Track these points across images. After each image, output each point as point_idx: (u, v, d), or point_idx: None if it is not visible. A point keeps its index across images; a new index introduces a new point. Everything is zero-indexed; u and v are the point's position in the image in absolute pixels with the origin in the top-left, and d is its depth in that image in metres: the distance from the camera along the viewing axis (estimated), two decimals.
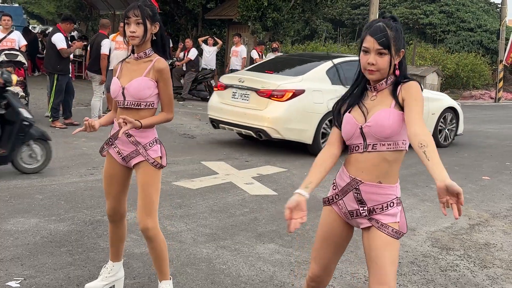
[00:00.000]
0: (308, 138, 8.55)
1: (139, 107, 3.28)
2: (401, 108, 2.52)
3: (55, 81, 10.03)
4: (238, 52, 15.92)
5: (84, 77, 11.84)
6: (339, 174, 2.73)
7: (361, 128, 2.56)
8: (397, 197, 2.61)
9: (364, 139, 2.56)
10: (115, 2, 22.40)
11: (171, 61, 16.34)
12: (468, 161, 9.09)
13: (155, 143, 3.36)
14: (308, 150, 8.62)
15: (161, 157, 3.39)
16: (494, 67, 26.26)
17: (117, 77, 3.34)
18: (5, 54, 10.01)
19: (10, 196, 5.62)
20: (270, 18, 16.93)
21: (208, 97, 16.07)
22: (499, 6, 26.22)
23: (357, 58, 2.75)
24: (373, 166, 2.56)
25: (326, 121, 8.54)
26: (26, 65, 10.32)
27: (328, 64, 8.98)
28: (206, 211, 5.55)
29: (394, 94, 2.56)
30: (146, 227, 3.28)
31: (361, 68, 2.60)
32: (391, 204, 2.58)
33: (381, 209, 2.58)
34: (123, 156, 3.36)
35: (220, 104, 9.15)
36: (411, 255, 4.66)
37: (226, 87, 9.13)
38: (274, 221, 5.38)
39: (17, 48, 10.41)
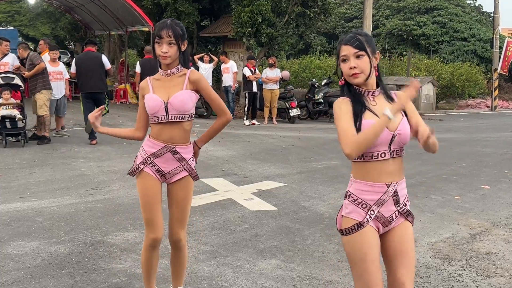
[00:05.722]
0: None
1: (184, 120, 3.34)
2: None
3: (107, 99, 10.73)
4: (229, 68, 16.00)
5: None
6: (365, 190, 2.67)
7: (393, 136, 2.64)
8: None
9: (389, 146, 2.66)
10: (110, 23, 22.49)
11: None
12: (467, 171, 9.10)
13: (193, 156, 3.49)
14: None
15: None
16: (488, 75, 26.39)
17: (150, 92, 3.36)
18: (1, 77, 10.05)
19: (10, 220, 5.61)
20: (265, 34, 17.03)
21: (205, 113, 16.14)
22: (492, 15, 26.43)
23: None
24: (399, 168, 2.72)
25: None
26: (23, 87, 10.36)
27: None
28: (207, 229, 5.54)
29: (391, 100, 2.72)
30: (179, 239, 3.45)
31: (345, 77, 2.69)
32: (407, 194, 2.82)
33: (407, 200, 2.79)
34: (163, 173, 3.40)
35: None
36: None
37: None
38: (275, 236, 5.37)
39: (11, 70, 10.46)
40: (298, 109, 16.26)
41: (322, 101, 16.61)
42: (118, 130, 3.56)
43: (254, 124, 15.26)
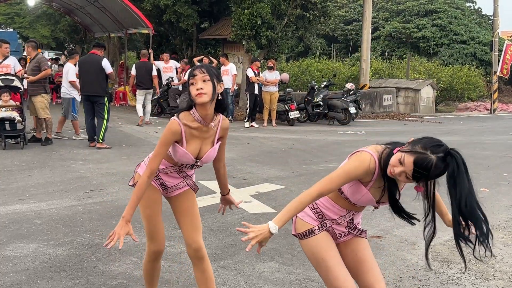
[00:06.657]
0: None
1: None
2: None
3: (107, 103, 10.56)
4: (228, 70, 16.00)
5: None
6: (326, 206, 2.83)
7: (374, 207, 2.83)
8: None
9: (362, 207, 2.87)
10: (110, 25, 22.52)
11: (167, 81, 16.40)
12: None
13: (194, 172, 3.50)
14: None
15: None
16: (488, 78, 26.40)
17: (183, 144, 3.14)
18: (1, 79, 10.04)
19: (9, 222, 5.60)
20: (264, 36, 17.04)
21: None
22: (491, 18, 26.45)
23: None
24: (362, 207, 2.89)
25: None
26: (22, 90, 10.35)
27: None
28: (206, 231, 5.53)
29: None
30: (200, 246, 3.37)
31: (389, 172, 2.61)
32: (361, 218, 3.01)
33: (359, 223, 2.97)
34: (166, 187, 3.39)
35: None
36: (412, 270, 4.65)
37: None
38: (273, 239, 5.35)
39: (13, 73, 10.45)
40: (298, 111, 16.26)
41: (321, 103, 16.60)
42: (137, 197, 3.08)
43: (254, 126, 15.26)
